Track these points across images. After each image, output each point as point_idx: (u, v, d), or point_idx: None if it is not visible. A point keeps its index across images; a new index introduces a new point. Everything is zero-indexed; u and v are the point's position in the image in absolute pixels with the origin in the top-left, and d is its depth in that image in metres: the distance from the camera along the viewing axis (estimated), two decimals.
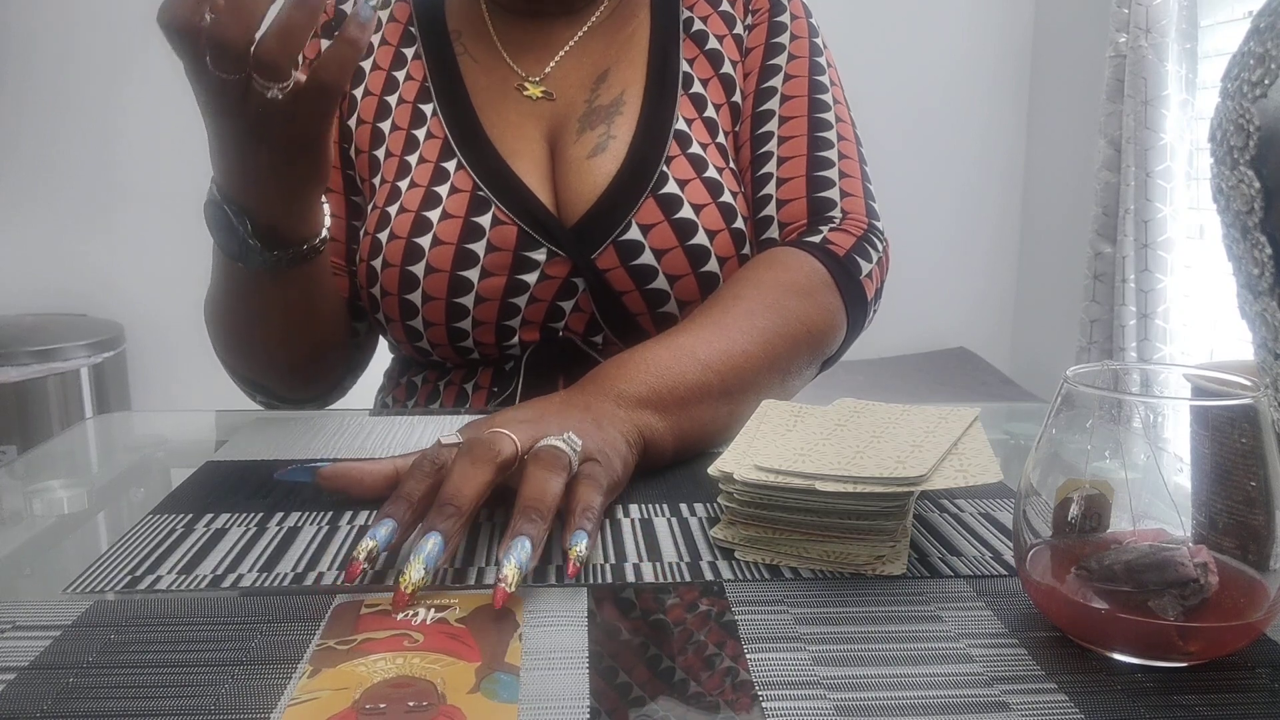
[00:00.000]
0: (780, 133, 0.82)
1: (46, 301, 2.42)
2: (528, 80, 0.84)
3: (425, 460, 0.47)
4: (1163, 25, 1.92)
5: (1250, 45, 0.40)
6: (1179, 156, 1.96)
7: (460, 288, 0.77)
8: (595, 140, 0.80)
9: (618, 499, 0.53)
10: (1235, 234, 0.41)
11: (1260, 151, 0.39)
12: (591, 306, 0.80)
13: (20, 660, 0.37)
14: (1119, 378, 0.44)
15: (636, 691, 0.35)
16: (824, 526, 0.45)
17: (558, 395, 0.58)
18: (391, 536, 0.43)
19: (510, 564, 0.41)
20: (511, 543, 0.42)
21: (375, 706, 0.33)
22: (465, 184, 0.79)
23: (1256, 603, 0.35)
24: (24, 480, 0.61)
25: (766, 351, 0.65)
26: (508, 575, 0.40)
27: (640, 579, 0.44)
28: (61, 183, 2.39)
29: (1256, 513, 0.36)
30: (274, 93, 0.56)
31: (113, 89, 2.36)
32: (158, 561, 0.46)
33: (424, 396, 0.86)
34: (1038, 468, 0.38)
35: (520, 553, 0.41)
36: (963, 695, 0.35)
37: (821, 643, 0.38)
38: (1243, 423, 0.36)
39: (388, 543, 0.43)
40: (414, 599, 0.41)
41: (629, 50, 0.85)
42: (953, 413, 0.54)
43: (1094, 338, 2.14)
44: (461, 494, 0.44)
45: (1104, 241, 2.11)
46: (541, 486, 0.45)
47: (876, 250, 0.79)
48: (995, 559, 0.47)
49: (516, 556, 0.41)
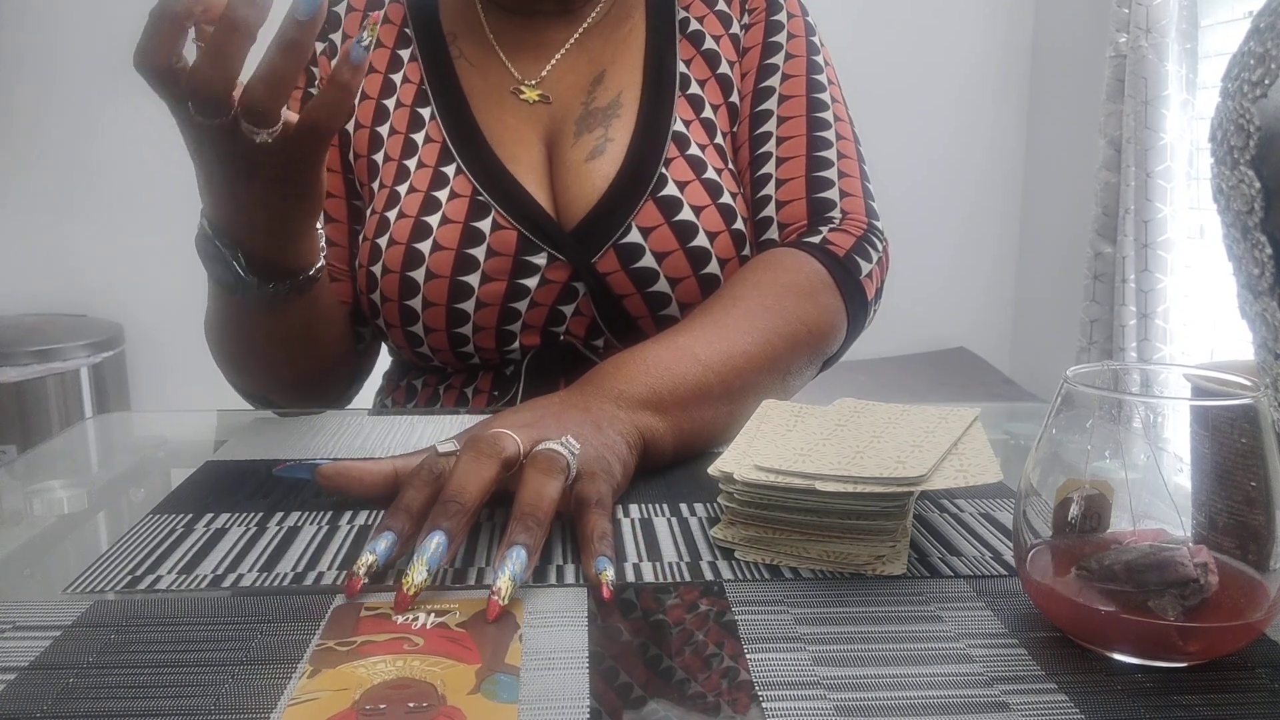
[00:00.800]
0: (779, 133, 0.82)
1: (46, 301, 2.42)
2: (524, 83, 0.83)
3: (424, 469, 0.47)
4: (1163, 25, 1.92)
5: (1250, 45, 0.40)
6: (1179, 156, 1.96)
7: (460, 293, 0.77)
8: (593, 143, 0.80)
9: (618, 499, 0.53)
10: (1235, 234, 0.41)
11: (1260, 151, 0.39)
12: (592, 310, 0.80)
13: (20, 660, 0.37)
14: (1119, 378, 0.44)
15: (637, 692, 0.35)
16: (824, 526, 0.45)
17: (557, 396, 0.57)
18: (391, 550, 0.43)
19: (504, 575, 0.40)
20: (507, 553, 0.42)
21: (375, 707, 0.33)
22: (464, 189, 0.79)
23: (1256, 603, 0.35)
24: (24, 480, 0.61)
25: (767, 352, 0.65)
26: (501, 588, 0.40)
27: (640, 579, 0.44)
28: (62, 183, 2.39)
29: (1256, 513, 0.36)
30: (263, 137, 0.55)
31: (112, 89, 2.36)
32: (158, 561, 0.46)
33: (424, 400, 0.86)
34: (1038, 468, 0.38)
35: (515, 564, 0.41)
36: (963, 695, 0.35)
37: (821, 643, 0.38)
38: (1243, 423, 0.36)
39: (387, 556, 0.43)
40: (415, 600, 0.41)
41: (625, 51, 0.84)
42: (953, 413, 0.54)
43: (1094, 338, 2.14)
44: (466, 491, 0.44)
45: (1104, 241, 2.11)
46: (538, 492, 0.45)
47: (876, 250, 0.79)
48: (995, 559, 0.47)
49: (511, 568, 0.41)
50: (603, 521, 0.46)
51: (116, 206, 2.40)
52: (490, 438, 0.48)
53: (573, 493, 0.49)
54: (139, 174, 2.39)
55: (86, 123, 2.37)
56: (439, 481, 0.46)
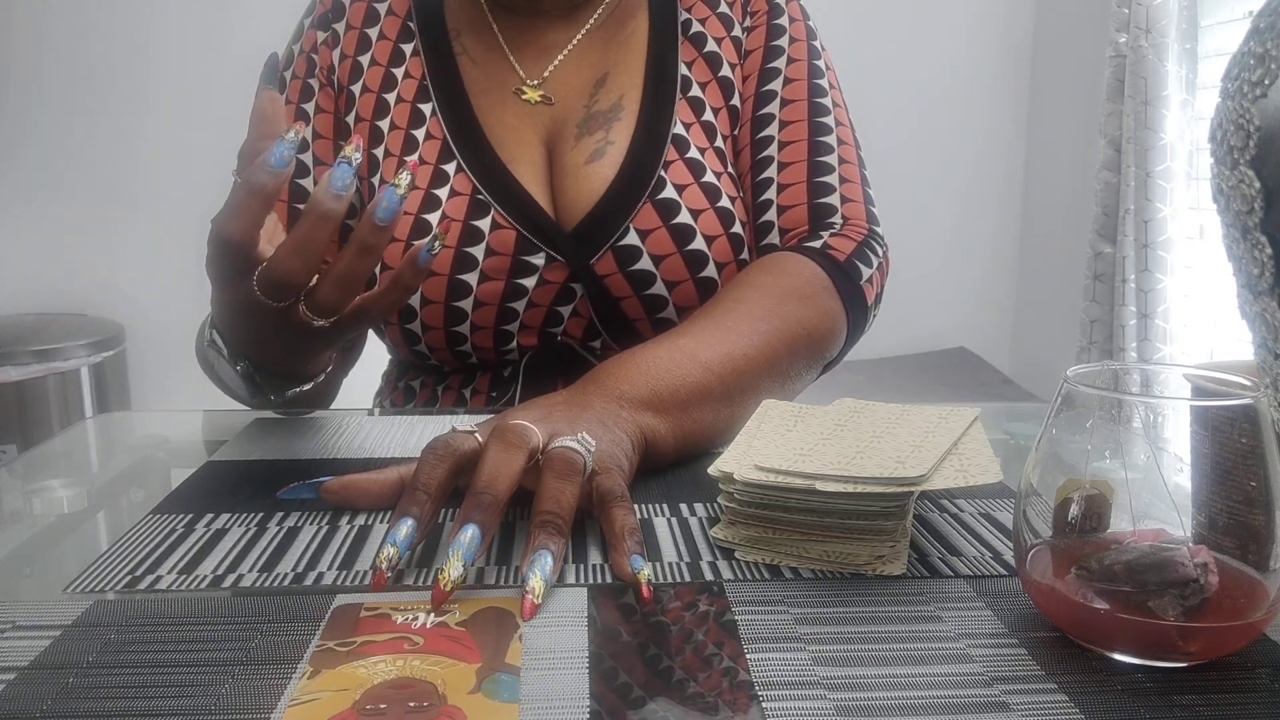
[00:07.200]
0: (780, 137, 0.82)
1: (46, 301, 2.42)
2: (527, 83, 0.83)
3: (439, 444, 0.47)
4: (1163, 25, 1.92)
5: (1250, 45, 0.40)
6: (1179, 156, 1.96)
7: (459, 291, 0.77)
8: (593, 145, 0.80)
9: None
10: (1235, 234, 0.41)
11: (1260, 151, 0.39)
12: (590, 312, 0.80)
13: (20, 660, 0.37)
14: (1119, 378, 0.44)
15: (637, 692, 0.35)
16: (824, 526, 0.45)
17: (559, 395, 0.57)
18: (413, 537, 0.43)
19: (536, 577, 0.41)
20: (534, 557, 0.42)
21: (376, 707, 0.33)
22: (465, 187, 0.78)
23: (1256, 603, 0.35)
24: (24, 480, 0.61)
25: (767, 355, 0.65)
26: (535, 588, 0.41)
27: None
28: (62, 183, 2.39)
29: (1256, 513, 0.36)
30: (320, 324, 0.55)
31: (112, 90, 2.36)
32: (158, 561, 0.46)
33: (421, 401, 0.86)
34: (1038, 468, 0.38)
35: (543, 567, 0.42)
36: (963, 695, 0.35)
37: (821, 643, 0.38)
38: (1243, 423, 0.36)
39: (409, 545, 0.42)
40: (452, 596, 0.40)
41: (627, 53, 0.84)
42: (953, 413, 0.54)
43: (1094, 338, 2.14)
44: (498, 482, 0.44)
45: (1104, 241, 2.11)
46: (557, 498, 0.45)
47: (877, 255, 0.79)
48: (995, 559, 0.47)
49: (541, 570, 0.41)
50: (630, 517, 0.46)
51: (117, 206, 2.40)
52: (516, 428, 0.48)
53: (593, 487, 0.49)
54: (140, 175, 2.39)
55: (87, 124, 2.37)
56: (454, 457, 0.46)
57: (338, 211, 0.52)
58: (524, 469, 0.46)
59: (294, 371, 0.65)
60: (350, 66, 0.84)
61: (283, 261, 0.52)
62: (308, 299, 0.54)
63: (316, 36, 0.85)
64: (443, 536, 0.48)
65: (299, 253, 0.52)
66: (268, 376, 0.64)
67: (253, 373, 0.63)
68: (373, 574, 0.41)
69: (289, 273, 0.52)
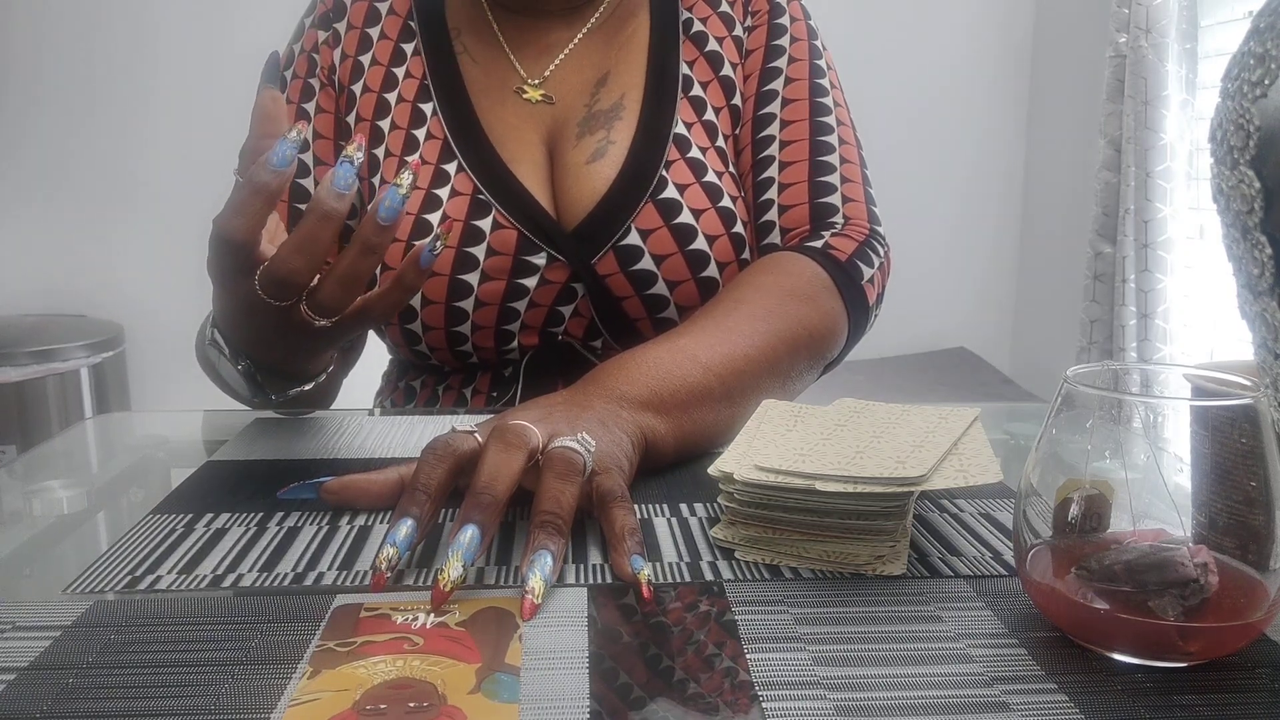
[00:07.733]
0: (782, 137, 0.82)
1: (46, 301, 2.42)
2: (528, 82, 0.83)
3: (438, 444, 0.47)
4: (1163, 25, 1.92)
5: (1250, 45, 0.40)
6: (1179, 156, 1.96)
7: (460, 291, 0.77)
8: (595, 145, 0.80)
9: None
10: (1235, 234, 0.41)
11: (1260, 151, 0.39)
12: (591, 312, 0.80)
13: (20, 660, 0.37)
14: (1119, 378, 0.44)
15: (636, 692, 0.35)
16: (824, 526, 0.45)
17: (559, 395, 0.57)
18: (413, 537, 0.43)
19: (536, 577, 0.41)
20: (534, 557, 0.42)
21: (376, 707, 0.33)
22: (466, 187, 0.78)
23: (1256, 603, 0.35)
24: (24, 480, 0.61)
25: (767, 355, 0.65)
26: (535, 588, 0.41)
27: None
28: (62, 183, 2.39)
29: (1256, 513, 0.36)
30: (322, 323, 0.55)
31: (113, 90, 2.36)
32: (158, 561, 0.46)
33: (422, 401, 0.86)
34: (1038, 468, 0.38)
35: (543, 567, 0.42)
36: (963, 695, 0.35)
37: (821, 643, 0.38)
38: (1243, 423, 0.36)
39: (409, 545, 0.43)
40: (452, 596, 0.40)
41: (628, 52, 0.84)
42: (953, 413, 0.54)
43: (1094, 338, 2.14)
44: (497, 482, 0.44)
45: (1104, 241, 2.11)
46: (557, 498, 0.45)
47: (878, 256, 0.79)
48: (995, 559, 0.47)
49: (541, 570, 0.41)
50: (630, 517, 0.46)
51: (117, 206, 2.40)
52: (516, 428, 0.48)
53: (593, 487, 0.49)
54: (139, 175, 2.39)
55: (87, 124, 2.37)
56: (454, 457, 0.46)
57: (340, 211, 0.52)
58: (524, 469, 0.46)
59: (295, 371, 0.65)
60: (351, 66, 0.84)
61: (285, 261, 0.52)
62: (309, 299, 0.54)
63: (317, 36, 0.85)
64: (442, 537, 0.48)
65: (301, 252, 0.52)
66: (269, 376, 0.64)
67: (254, 372, 0.63)
68: (373, 574, 0.41)
69: (291, 272, 0.52)
